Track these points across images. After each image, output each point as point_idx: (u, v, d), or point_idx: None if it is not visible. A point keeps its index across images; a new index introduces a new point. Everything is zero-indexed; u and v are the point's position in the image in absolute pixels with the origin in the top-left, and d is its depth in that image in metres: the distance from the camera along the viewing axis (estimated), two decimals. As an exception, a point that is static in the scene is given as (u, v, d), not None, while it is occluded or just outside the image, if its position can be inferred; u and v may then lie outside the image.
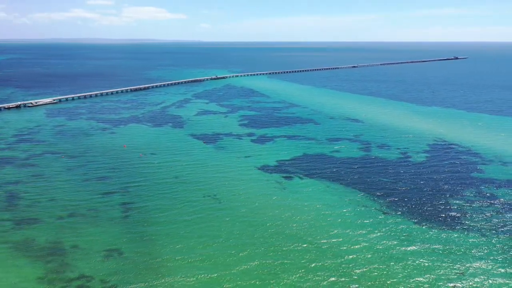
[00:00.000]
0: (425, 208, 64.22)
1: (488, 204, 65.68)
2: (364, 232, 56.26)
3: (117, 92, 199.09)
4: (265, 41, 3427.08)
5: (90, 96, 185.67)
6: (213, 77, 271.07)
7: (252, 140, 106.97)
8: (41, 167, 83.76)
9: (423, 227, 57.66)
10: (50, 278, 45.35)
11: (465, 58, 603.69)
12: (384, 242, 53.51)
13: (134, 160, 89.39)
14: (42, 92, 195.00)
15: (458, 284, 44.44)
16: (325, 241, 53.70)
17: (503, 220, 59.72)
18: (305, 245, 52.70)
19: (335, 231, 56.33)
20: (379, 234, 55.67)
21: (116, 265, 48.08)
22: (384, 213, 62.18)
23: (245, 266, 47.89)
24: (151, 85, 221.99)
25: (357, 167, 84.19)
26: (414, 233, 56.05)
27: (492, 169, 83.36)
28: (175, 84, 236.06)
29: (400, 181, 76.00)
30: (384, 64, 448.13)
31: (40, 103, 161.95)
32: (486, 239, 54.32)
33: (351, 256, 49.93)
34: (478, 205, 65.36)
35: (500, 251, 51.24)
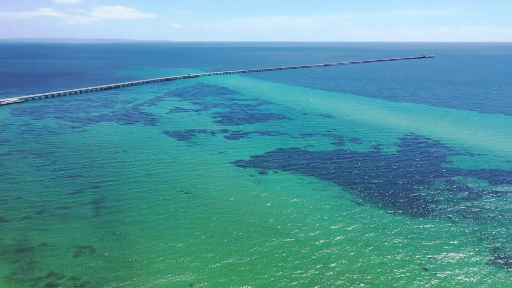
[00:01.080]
0: (398, 198, 65.35)
1: (458, 193, 67.48)
2: (340, 223, 56.63)
3: (86, 91, 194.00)
4: (238, 41, 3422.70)
5: (58, 95, 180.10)
6: (185, 75, 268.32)
7: (226, 137, 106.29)
8: (6, 167, 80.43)
9: (397, 217, 58.61)
10: (18, 278, 43.43)
11: (432, 56, 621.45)
12: (360, 232, 54.03)
13: (106, 158, 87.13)
14: (7, 92, 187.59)
15: (432, 271, 45.30)
16: (302, 234, 53.65)
17: (472, 208, 61.44)
18: (283, 238, 52.50)
19: (312, 224, 56.44)
20: (355, 225, 56.16)
21: (88, 262, 46.53)
22: (359, 204, 62.85)
23: (222, 261, 47.23)
24: (122, 84, 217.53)
25: (331, 161, 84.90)
26: (389, 222, 56.88)
27: (461, 160, 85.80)
28: (146, 82, 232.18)
29: (374, 173, 77.13)
30: (355, 62, 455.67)
31: (5, 102, 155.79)
32: (457, 226, 55.71)
33: (328, 247, 50.15)
34: (448, 194, 67.06)
35: (470, 238, 52.65)
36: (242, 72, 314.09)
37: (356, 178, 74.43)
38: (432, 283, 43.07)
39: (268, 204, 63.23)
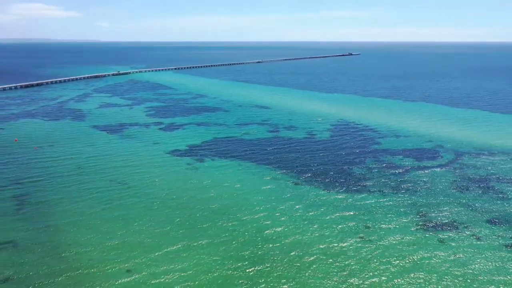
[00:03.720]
0: (334, 177, 67.39)
1: (388, 170, 71.13)
2: (282, 203, 57.10)
3: (4, 89, 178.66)
4: (171, 41, 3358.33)
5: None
6: (115, 72, 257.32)
7: (160, 129, 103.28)
8: None
9: (334, 194, 60.40)
10: None
11: (358, 54, 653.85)
12: (301, 210, 54.91)
13: (28, 154, 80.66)
14: None
15: (368, 238, 47.20)
16: (247, 216, 53.16)
17: (401, 182, 65.07)
18: (227, 221, 51.71)
19: (256, 206, 56.27)
20: (295, 204, 56.95)
21: (12, 257, 42.53)
22: (299, 186, 63.89)
23: (164, 248, 45.34)
24: (45, 81, 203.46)
25: (268, 147, 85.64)
26: (326, 199, 58.45)
27: (389, 142, 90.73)
28: (72, 80, 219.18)
29: (310, 156, 78.95)
30: (287, 59, 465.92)
31: None
32: (389, 199, 58.62)
33: (273, 227, 50.30)
34: (378, 171, 70.47)
35: (401, 208, 55.68)
36: (176, 69, 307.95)
37: (294, 162, 75.69)
38: (368, 248, 44.85)
39: (210, 190, 62.15)
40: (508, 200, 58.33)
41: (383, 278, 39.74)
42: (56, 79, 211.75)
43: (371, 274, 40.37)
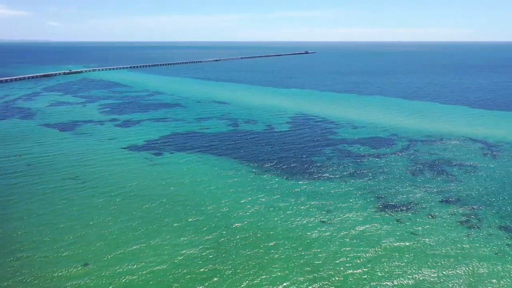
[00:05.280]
0: (295, 167, 67.91)
1: (346, 158, 72.62)
2: (245, 194, 56.71)
3: None
4: (129, 41, 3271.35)
5: None
6: (66, 71, 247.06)
7: (116, 125, 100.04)
8: None
9: (296, 183, 60.82)
10: None
11: (314, 52, 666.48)
12: (265, 200, 54.77)
13: (-28, 154, 75.55)
14: None
15: (328, 220, 47.88)
16: (211, 209, 51.93)
17: (359, 169, 66.60)
18: (191, 214, 50.42)
19: (219, 197, 55.49)
20: (259, 194, 56.74)
21: (-45, 259, 39.50)
22: (260, 176, 63.78)
23: (126, 243, 43.36)
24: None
25: (229, 141, 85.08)
26: (289, 188, 58.73)
27: (345, 132, 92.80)
28: (19, 79, 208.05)
29: (271, 148, 79.18)
30: (244, 58, 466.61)
31: None
32: (346, 184, 59.83)
33: (236, 215, 49.94)
34: (337, 159, 71.82)
35: (360, 192, 56.94)
36: (131, 67, 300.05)
37: (256, 154, 75.57)
38: (331, 232, 45.49)
39: (171, 184, 60.61)
40: (459, 181, 61.16)
41: (346, 259, 40.35)
42: (0, 79, 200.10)
43: (335, 257, 40.85)
